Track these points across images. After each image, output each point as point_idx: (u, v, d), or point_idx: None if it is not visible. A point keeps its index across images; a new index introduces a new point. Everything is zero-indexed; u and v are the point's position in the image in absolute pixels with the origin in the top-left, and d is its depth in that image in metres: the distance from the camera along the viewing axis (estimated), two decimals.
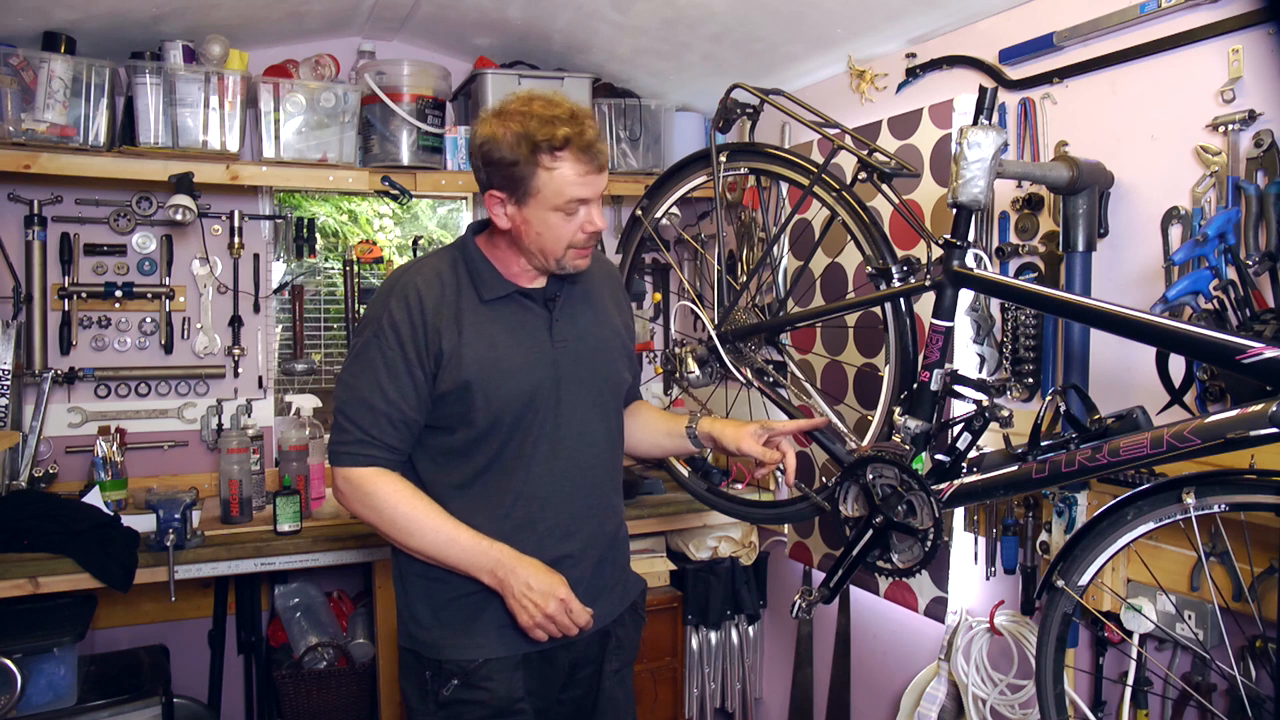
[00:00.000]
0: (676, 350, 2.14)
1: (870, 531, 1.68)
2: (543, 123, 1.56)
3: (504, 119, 1.60)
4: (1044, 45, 1.95)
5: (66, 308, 2.79)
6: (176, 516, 2.34)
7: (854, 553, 1.69)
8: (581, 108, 1.64)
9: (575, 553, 1.72)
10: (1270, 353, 1.19)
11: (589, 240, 1.67)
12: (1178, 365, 1.57)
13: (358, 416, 1.64)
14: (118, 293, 2.82)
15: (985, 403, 1.58)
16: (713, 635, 2.98)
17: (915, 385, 1.67)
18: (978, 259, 1.61)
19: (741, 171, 2.10)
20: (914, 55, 2.32)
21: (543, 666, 1.72)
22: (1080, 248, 1.77)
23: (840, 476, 1.75)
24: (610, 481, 1.81)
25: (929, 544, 1.62)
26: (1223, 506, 1.30)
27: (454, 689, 1.66)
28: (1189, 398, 1.60)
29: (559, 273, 1.70)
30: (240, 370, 3.00)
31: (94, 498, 2.48)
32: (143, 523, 2.38)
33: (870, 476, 1.68)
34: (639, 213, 2.31)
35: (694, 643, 2.96)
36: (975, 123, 1.59)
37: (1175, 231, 1.71)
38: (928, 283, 1.66)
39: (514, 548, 1.65)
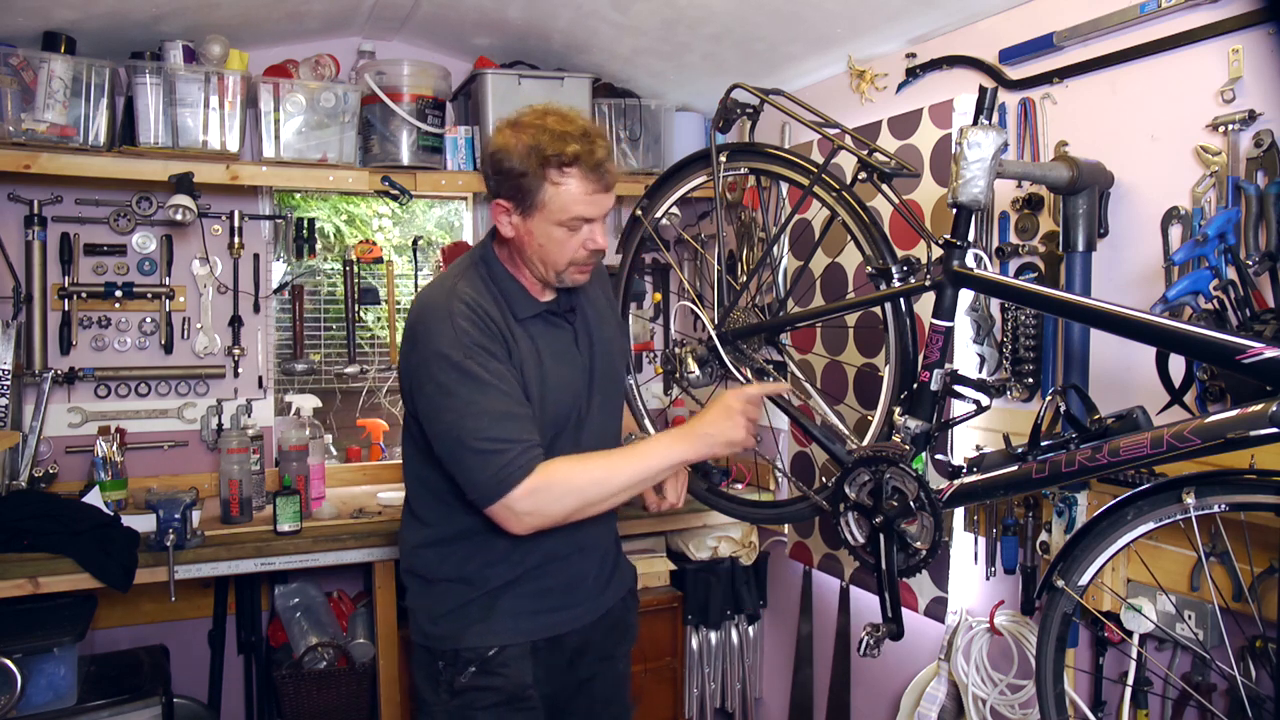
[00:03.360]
0: (676, 350, 2.14)
1: (883, 539, 1.67)
2: (554, 138, 1.58)
3: (518, 130, 1.61)
4: (1044, 45, 1.95)
5: (66, 308, 2.79)
6: (176, 516, 2.34)
7: (885, 567, 1.68)
8: (595, 127, 1.65)
9: (589, 545, 1.82)
10: (1270, 353, 1.19)
11: (590, 258, 1.69)
12: (1178, 365, 1.57)
13: (507, 431, 1.57)
14: (118, 293, 2.82)
15: (985, 403, 1.58)
16: (713, 635, 2.98)
17: (915, 385, 1.67)
18: (978, 259, 1.61)
19: (741, 171, 2.10)
20: (914, 55, 2.32)
21: (550, 654, 1.77)
22: (1080, 248, 1.77)
23: (835, 495, 1.75)
24: None
25: (929, 543, 1.62)
26: (1223, 506, 1.30)
27: (470, 675, 1.70)
28: (1189, 398, 1.60)
29: (559, 285, 1.73)
30: (240, 370, 3.00)
31: (94, 498, 2.48)
32: (143, 523, 2.38)
33: (868, 476, 1.68)
34: (639, 213, 2.31)
35: (694, 643, 2.96)
36: (975, 123, 1.58)
37: (1175, 231, 1.71)
38: (928, 283, 1.66)
39: (538, 542, 1.69)
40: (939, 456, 2.14)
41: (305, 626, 2.92)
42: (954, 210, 1.61)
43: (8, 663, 2.18)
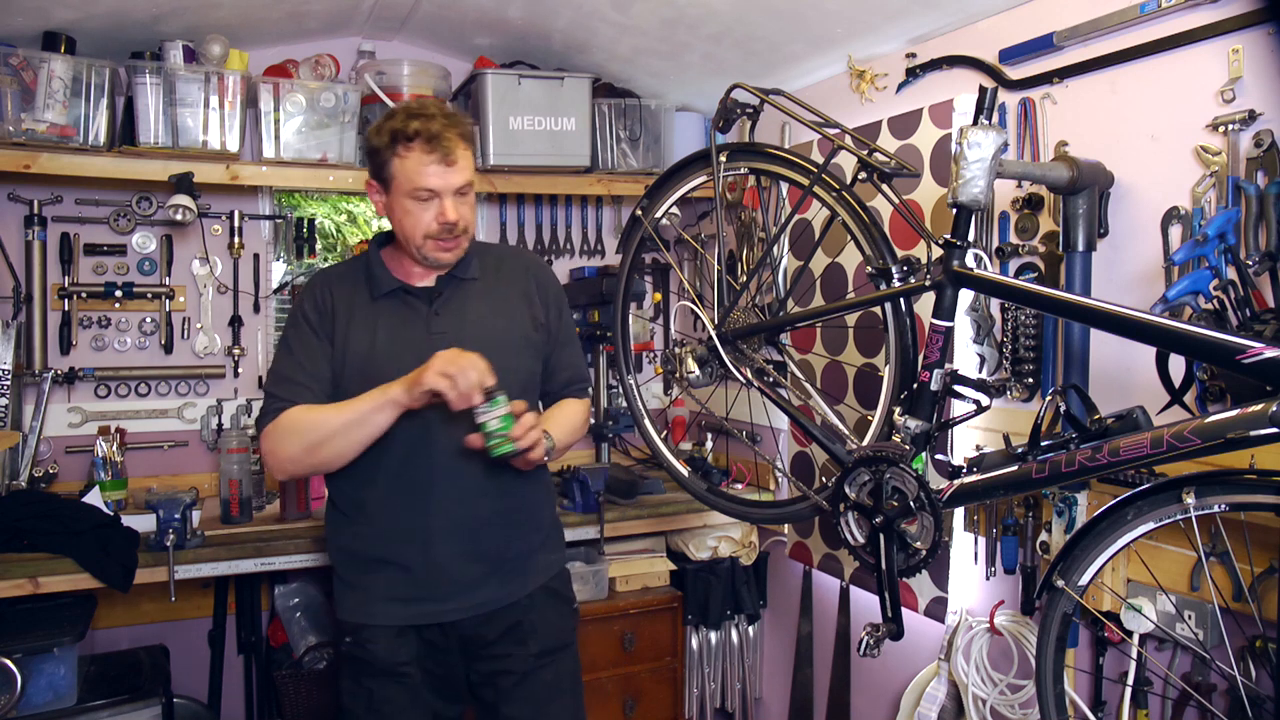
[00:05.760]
0: (676, 350, 2.14)
1: (883, 539, 1.67)
2: (404, 117, 1.75)
3: (383, 117, 1.80)
4: (1044, 45, 1.95)
5: (66, 308, 2.79)
6: (176, 516, 2.34)
7: (885, 567, 1.68)
8: (450, 111, 1.79)
9: (446, 531, 1.83)
10: (1270, 353, 1.19)
11: (442, 231, 1.79)
12: (1178, 365, 1.57)
13: (280, 391, 1.81)
14: (118, 293, 2.82)
15: (985, 403, 1.57)
16: (713, 635, 2.98)
17: (915, 385, 1.67)
18: (978, 259, 1.61)
19: (741, 171, 2.10)
20: (914, 55, 2.32)
21: (435, 638, 1.86)
22: (1080, 248, 1.77)
23: (835, 495, 1.74)
24: (484, 465, 1.80)
25: (929, 543, 1.62)
26: (1223, 506, 1.30)
27: (348, 645, 1.87)
28: (1189, 398, 1.60)
29: (426, 265, 1.85)
30: (240, 370, 3.00)
31: (94, 498, 2.48)
32: (143, 523, 2.37)
33: (868, 476, 1.68)
34: (639, 213, 2.31)
35: (694, 643, 2.96)
36: (975, 123, 1.59)
37: (1175, 231, 1.71)
38: (928, 283, 1.66)
39: (381, 517, 1.84)
40: (939, 456, 2.14)
41: (305, 626, 2.92)
42: (954, 210, 1.62)
43: (8, 663, 2.18)
